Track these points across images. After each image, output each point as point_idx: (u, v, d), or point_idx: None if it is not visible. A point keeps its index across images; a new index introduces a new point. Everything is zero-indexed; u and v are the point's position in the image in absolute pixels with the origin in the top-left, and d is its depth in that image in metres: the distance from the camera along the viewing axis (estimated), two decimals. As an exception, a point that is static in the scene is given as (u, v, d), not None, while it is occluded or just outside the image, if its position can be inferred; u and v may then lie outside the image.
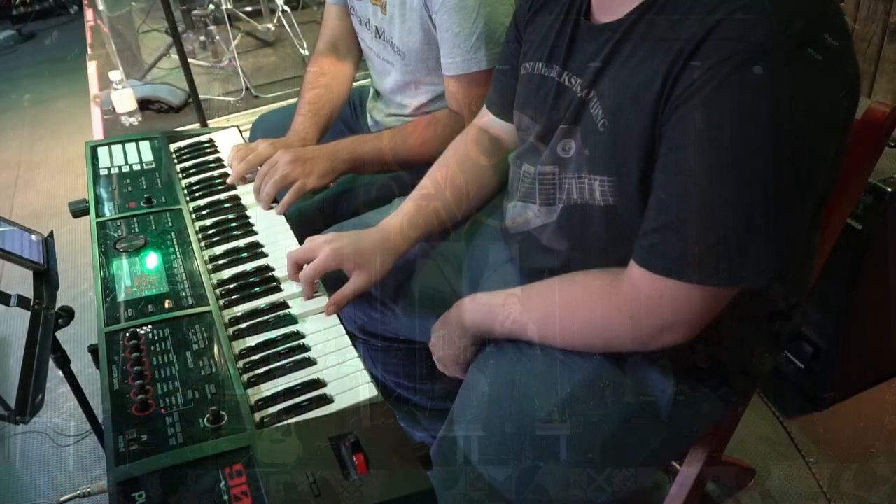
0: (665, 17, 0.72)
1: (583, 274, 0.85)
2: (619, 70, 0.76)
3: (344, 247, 0.98)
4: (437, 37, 1.25)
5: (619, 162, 0.77)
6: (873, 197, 1.31)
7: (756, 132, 0.65)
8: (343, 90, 1.51)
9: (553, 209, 0.89)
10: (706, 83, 0.65)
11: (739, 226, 0.68)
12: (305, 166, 1.21)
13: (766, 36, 0.63)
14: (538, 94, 0.91)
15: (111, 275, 1.02)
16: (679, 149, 0.69)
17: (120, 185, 1.25)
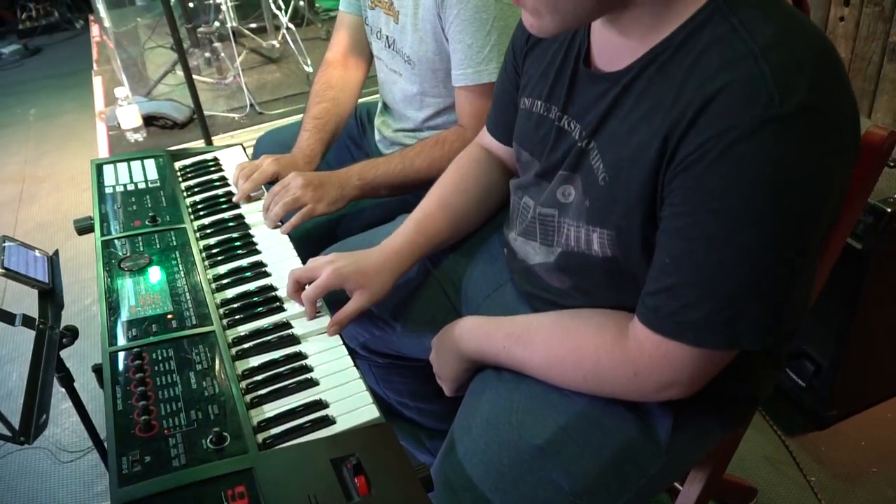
0: (665, 76, 0.72)
1: (586, 319, 0.85)
2: (619, 124, 0.76)
3: (345, 266, 0.99)
4: (449, 48, 1.26)
5: (619, 217, 0.77)
6: (873, 217, 1.31)
7: (757, 202, 0.65)
8: (349, 104, 1.51)
9: (552, 250, 0.89)
10: (707, 152, 0.66)
11: (742, 293, 0.69)
12: (317, 192, 1.22)
13: (767, 107, 0.63)
14: (537, 133, 0.92)
15: (115, 294, 1.03)
16: (681, 215, 0.70)
17: (125, 204, 1.26)
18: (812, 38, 0.69)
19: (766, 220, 0.66)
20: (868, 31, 2.09)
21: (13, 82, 4.53)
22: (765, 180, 0.65)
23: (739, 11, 0.69)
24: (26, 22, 5.28)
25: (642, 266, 0.78)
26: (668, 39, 0.72)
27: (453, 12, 1.20)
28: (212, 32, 2.55)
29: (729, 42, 0.67)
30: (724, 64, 0.67)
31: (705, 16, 0.70)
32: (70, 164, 3.36)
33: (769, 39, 0.66)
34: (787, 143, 0.64)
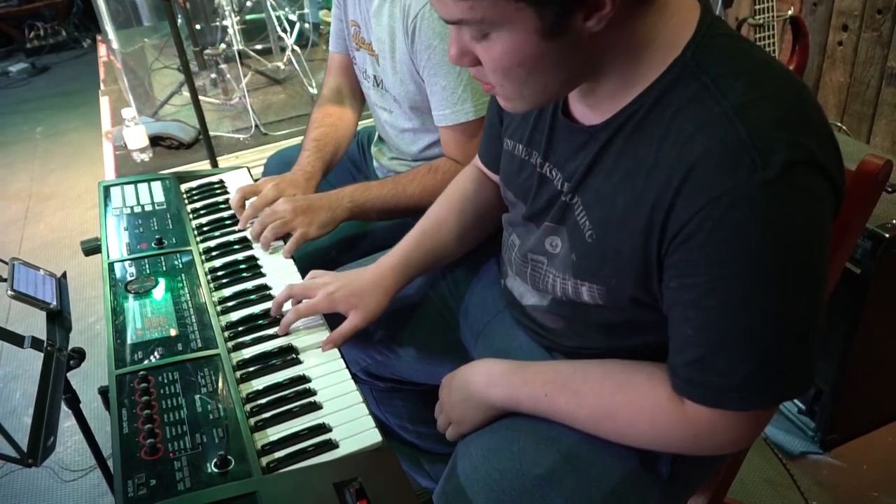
0: (642, 136, 0.73)
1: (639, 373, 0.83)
2: (602, 183, 0.77)
3: (336, 291, 1.02)
4: (427, 90, 1.29)
5: (609, 276, 0.78)
6: (871, 242, 1.33)
7: (763, 262, 0.67)
8: (348, 132, 1.54)
9: (544, 296, 0.90)
10: (704, 222, 0.66)
11: (771, 352, 0.70)
12: (306, 216, 1.24)
13: (751, 172, 0.64)
14: (520, 176, 0.92)
15: (122, 317, 1.04)
16: (693, 287, 0.70)
17: (131, 226, 1.28)
18: (784, 87, 0.69)
19: (776, 277, 0.67)
20: (866, 56, 2.12)
21: (21, 100, 4.57)
22: (766, 241, 0.66)
23: (709, 69, 0.69)
24: (34, 41, 5.33)
25: (633, 314, 0.80)
26: (641, 97, 0.73)
27: (424, 56, 1.23)
28: (218, 54, 2.58)
29: (702, 102, 0.68)
30: (700, 126, 0.67)
31: (675, 74, 0.71)
32: (76, 182, 3.39)
33: (741, 98, 0.66)
34: (780, 203, 0.65)
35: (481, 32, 0.69)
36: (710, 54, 0.70)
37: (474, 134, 1.26)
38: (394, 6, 1.26)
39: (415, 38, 1.22)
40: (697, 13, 0.72)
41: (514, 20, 0.65)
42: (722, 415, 0.74)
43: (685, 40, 0.71)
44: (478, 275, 1.16)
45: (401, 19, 1.24)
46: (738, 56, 0.71)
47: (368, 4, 1.33)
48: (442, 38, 1.20)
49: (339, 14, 1.50)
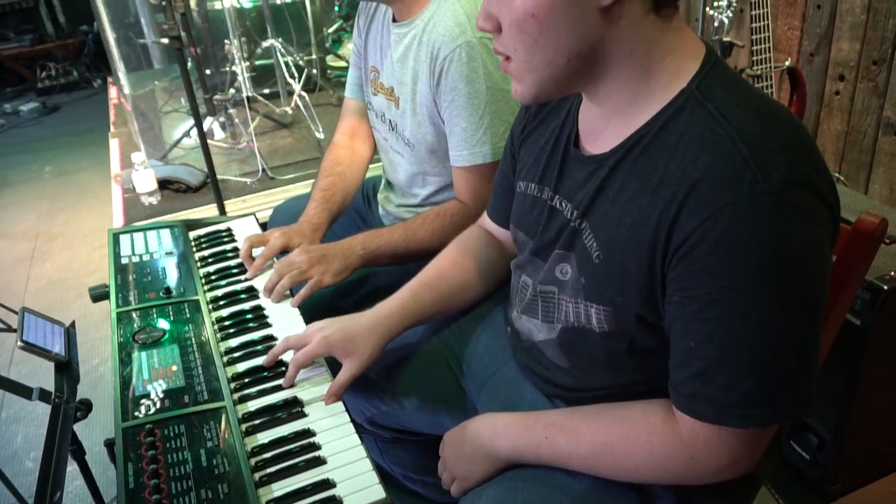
0: (648, 159, 0.77)
1: (632, 406, 0.85)
2: (610, 205, 0.81)
3: (332, 334, 1.03)
4: (446, 130, 1.32)
5: (615, 294, 0.81)
6: (870, 294, 1.34)
7: (764, 277, 0.69)
8: (356, 179, 1.58)
9: (553, 327, 0.92)
10: (707, 234, 0.69)
11: (771, 368, 0.72)
12: (321, 265, 1.27)
13: (753, 185, 0.68)
14: (531, 214, 0.96)
15: (129, 367, 1.06)
16: (695, 299, 0.72)
17: (140, 275, 1.30)
18: (782, 120, 0.74)
19: (776, 293, 0.69)
20: (863, 106, 2.15)
21: (30, 139, 4.65)
22: (767, 255, 0.68)
23: (713, 98, 0.74)
24: (45, 80, 5.43)
25: (638, 338, 0.81)
26: (649, 124, 0.77)
27: (448, 98, 1.27)
28: (227, 99, 2.63)
29: (707, 125, 0.73)
30: (704, 146, 0.72)
31: (681, 103, 0.75)
32: (83, 222, 3.43)
33: (744, 123, 0.71)
34: (780, 218, 0.68)
35: None
36: (715, 87, 0.75)
37: (489, 177, 1.28)
38: (420, 50, 1.30)
39: (441, 79, 1.27)
40: (703, 51, 0.78)
41: None
42: (720, 433, 0.75)
43: (691, 73, 0.76)
44: (482, 323, 1.17)
45: (427, 62, 1.29)
46: (740, 91, 0.76)
47: (391, 50, 1.39)
48: (468, 82, 1.24)
49: (357, 62, 1.56)
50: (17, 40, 5.55)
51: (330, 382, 1.02)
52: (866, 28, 2.08)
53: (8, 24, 5.59)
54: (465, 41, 1.22)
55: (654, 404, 0.83)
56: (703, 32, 2.23)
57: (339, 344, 1.03)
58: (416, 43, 1.31)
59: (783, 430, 0.96)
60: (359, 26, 1.53)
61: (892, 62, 2.02)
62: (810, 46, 2.29)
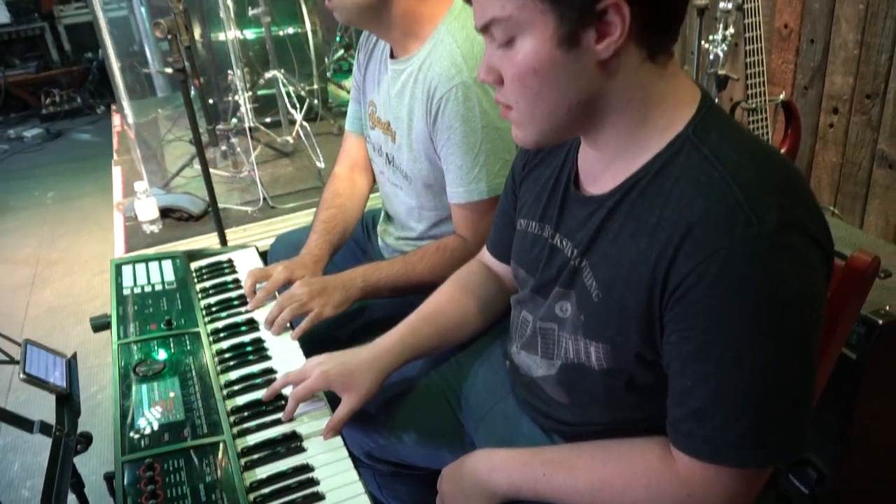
0: (646, 201, 0.79)
1: (629, 443, 0.87)
2: (609, 245, 0.83)
3: (331, 369, 1.04)
4: (442, 167, 1.35)
5: (614, 332, 0.82)
6: (865, 328, 1.35)
7: (758, 318, 0.71)
8: (356, 211, 1.60)
9: (552, 363, 0.93)
10: (702, 276, 0.71)
11: (766, 408, 0.73)
12: (322, 297, 1.29)
13: (746, 228, 0.70)
14: (532, 252, 0.98)
15: (129, 400, 1.06)
16: (691, 339, 0.74)
17: (141, 306, 1.31)
18: (774, 162, 0.76)
19: (771, 335, 0.71)
20: (857, 139, 2.18)
21: (34, 165, 4.68)
22: (761, 297, 0.70)
23: (708, 143, 0.76)
24: (50, 107, 5.49)
25: (636, 375, 0.83)
26: (646, 167, 0.80)
27: (444, 137, 1.29)
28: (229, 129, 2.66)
29: (702, 169, 0.75)
30: (700, 190, 0.74)
31: (677, 147, 0.78)
32: (84, 248, 3.44)
33: (738, 167, 0.74)
34: (774, 261, 0.70)
35: (508, 35, 0.76)
36: (710, 132, 0.77)
37: (486, 213, 1.31)
38: (416, 87, 1.33)
39: (437, 118, 1.29)
40: (699, 96, 0.81)
41: (536, 23, 0.74)
42: (716, 472, 0.76)
43: (687, 117, 0.79)
44: (481, 358, 1.18)
45: (423, 100, 1.31)
46: (734, 135, 0.78)
47: (388, 86, 1.41)
48: (463, 121, 1.27)
49: (357, 96, 1.58)
50: (23, 67, 5.62)
51: (329, 417, 1.03)
52: (859, 63, 2.11)
53: (14, 51, 5.66)
54: (462, 81, 1.25)
55: (651, 441, 0.84)
56: (699, 65, 2.26)
57: (339, 379, 1.04)
58: (412, 80, 1.34)
59: (781, 465, 0.97)
60: (359, 61, 1.56)
61: (885, 96, 2.05)
62: (804, 80, 2.32)
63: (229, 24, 2.64)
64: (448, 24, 1.31)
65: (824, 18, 2.19)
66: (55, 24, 5.74)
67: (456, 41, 1.28)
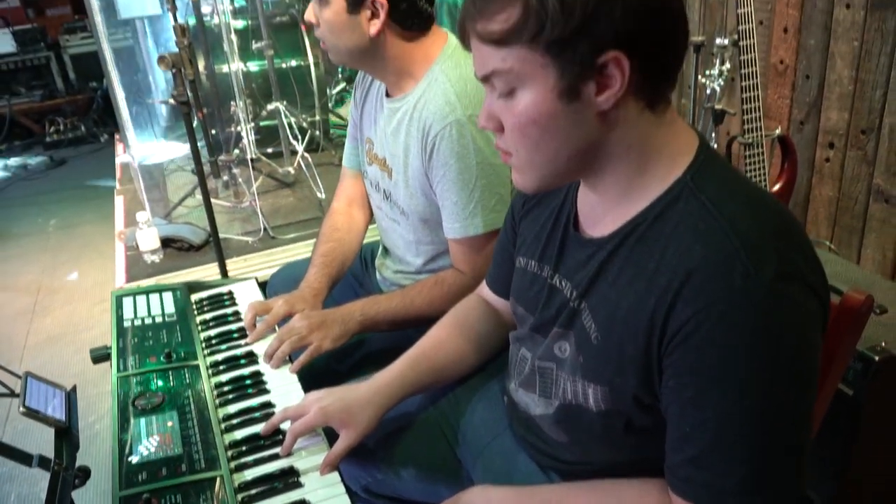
0: (645, 245, 0.80)
1: (627, 486, 0.87)
2: (608, 288, 0.84)
3: (330, 405, 1.05)
4: (438, 203, 1.36)
5: (612, 375, 0.83)
6: (862, 364, 1.36)
7: (756, 367, 0.72)
8: (354, 245, 1.62)
9: (550, 402, 0.94)
10: (700, 324, 0.72)
11: (764, 455, 0.74)
12: (321, 330, 1.30)
13: (744, 278, 0.71)
14: (531, 290, 0.99)
15: (128, 434, 1.07)
16: (689, 386, 0.75)
17: (141, 338, 1.32)
18: (771, 209, 0.78)
19: (768, 382, 0.72)
20: (853, 173, 2.20)
21: (37, 192, 4.71)
22: (758, 346, 0.71)
23: (706, 190, 0.78)
24: (54, 135, 5.53)
25: (634, 418, 0.83)
26: (645, 212, 0.81)
27: (440, 173, 1.32)
28: (231, 160, 2.69)
29: (700, 216, 0.76)
30: (698, 237, 0.75)
31: (676, 193, 0.79)
32: (85, 275, 3.45)
33: (735, 215, 0.75)
34: (771, 311, 0.71)
35: (509, 87, 0.78)
36: (707, 179, 0.79)
37: (482, 248, 1.33)
38: (411, 125, 1.35)
39: (433, 155, 1.31)
40: (696, 142, 0.82)
41: (537, 76, 0.75)
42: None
43: (685, 164, 0.80)
44: (478, 394, 1.19)
45: (419, 138, 1.33)
46: (732, 182, 0.80)
47: (384, 123, 1.44)
48: (458, 158, 1.29)
49: (354, 133, 1.61)
50: (28, 95, 5.68)
51: (326, 451, 1.03)
52: (854, 98, 2.14)
53: (20, 79, 5.72)
54: (455, 119, 1.28)
55: (649, 484, 0.84)
56: (696, 100, 2.30)
57: (337, 415, 1.04)
58: (407, 118, 1.36)
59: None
60: (355, 98, 1.59)
61: (879, 131, 2.08)
62: (800, 115, 2.35)
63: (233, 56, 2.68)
64: (442, 63, 1.34)
65: (819, 55, 2.23)
66: (61, 53, 5.81)
67: (450, 80, 1.31)
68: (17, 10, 6.13)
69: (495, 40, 0.76)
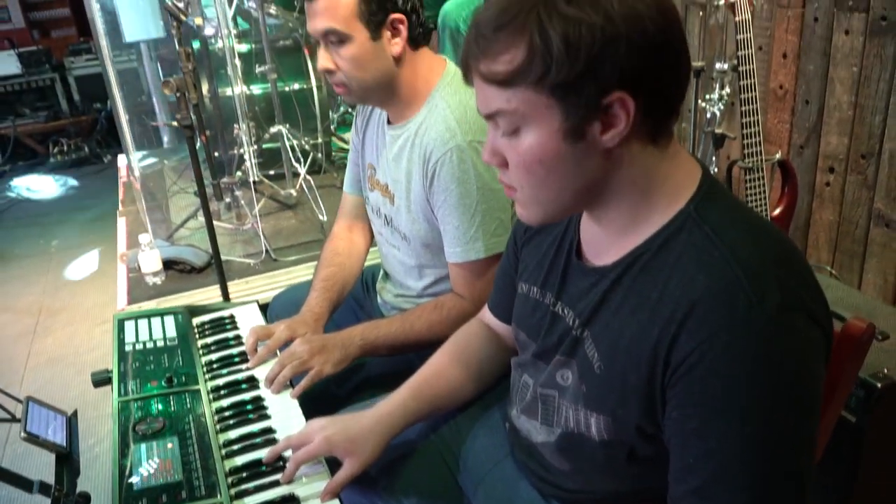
0: (648, 275, 0.81)
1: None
2: (611, 317, 0.84)
3: (334, 434, 1.05)
4: (440, 228, 1.37)
5: (614, 404, 0.83)
6: (864, 391, 1.36)
7: (759, 397, 0.72)
8: (355, 269, 1.63)
9: (552, 430, 0.94)
10: (705, 355, 0.73)
11: (768, 482, 0.73)
12: (322, 355, 1.30)
13: (748, 309, 0.71)
14: (533, 317, 0.99)
15: (128, 459, 1.06)
16: (693, 417, 0.75)
17: (143, 363, 1.32)
18: (772, 238, 0.79)
19: (771, 413, 0.72)
20: (853, 197, 2.21)
21: (39, 213, 4.73)
22: (762, 377, 0.71)
23: (709, 220, 0.79)
24: (57, 156, 5.56)
25: (637, 448, 0.83)
26: (649, 242, 0.81)
27: (441, 198, 1.33)
28: (234, 182, 2.71)
29: (704, 247, 0.77)
30: (701, 267, 0.76)
31: (679, 223, 0.80)
32: (86, 297, 3.46)
33: (737, 242, 0.76)
34: (775, 341, 0.71)
35: (513, 126, 0.78)
36: (710, 209, 0.80)
37: (483, 272, 1.34)
38: (413, 151, 1.37)
39: (434, 180, 1.33)
40: (699, 173, 0.83)
41: (542, 117, 0.75)
42: None
43: (688, 194, 0.81)
44: (480, 420, 1.18)
45: (420, 164, 1.35)
46: (734, 212, 0.81)
47: (386, 150, 1.45)
48: (459, 183, 1.30)
49: (355, 159, 1.62)
50: (33, 116, 5.71)
51: (327, 479, 1.03)
52: (853, 123, 2.16)
53: (25, 101, 5.76)
54: (456, 144, 1.29)
55: None
56: (696, 124, 2.31)
57: (341, 444, 1.04)
58: (409, 145, 1.38)
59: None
60: (356, 125, 1.60)
61: (879, 156, 2.09)
62: (800, 139, 2.36)
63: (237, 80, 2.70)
64: (441, 90, 1.36)
65: (819, 80, 2.24)
66: (65, 75, 5.85)
67: (449, 106, 1.33)
68: (22, 31, 6.19)
69: (499, 81, 0.76)
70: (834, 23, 2.15)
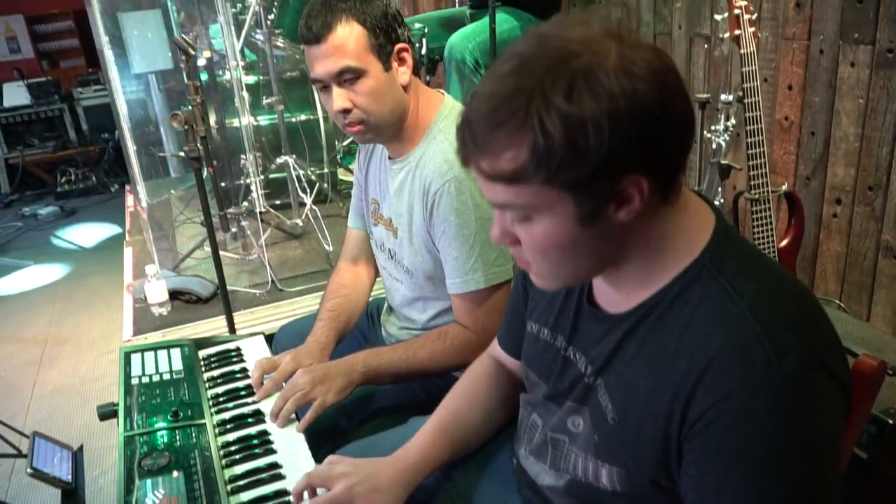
0: (664, 326, 0.79)
1: None
2: (625, 367, 0.83)
3: (356, 485, 1.01)
4: (441, 259, 1.38)
5: (628, 457, 0.82)
6: (876, 427, 1.34)
7: (778, 455, 0.71)
8: (360, 301, 1.63)
9: (561, 475, 0.92)
10: (723, 413, 0.72)
11: None
12: (324, 384, 1.29)
13: (767, 367, 0.71)
14: (544, 358, 0.98)
15: (133, 496, 1.05)
16: (711, 473, 0.74)
17: (149, 396, 1.31)
18: (791, 291, 0.78)
19: (789, 471, 0.71)
20: (861, 229, 2.20)
21: (47, 242, 4.75)
22: (781, 435, 0.70)
23: (724, 271, 0.77)
24: (65, 185, 5.61)
25: (649, 501, 0.81)
26: (663, 291, 0.80)
27: (440, 230, 1.34)
28: (240, 213, 2.72)
29: (720, 301, 0.76)
30: (718, 322, 0.75)
31: (694, 274, 0.79)
32: (92, 326, 3.46)
33: (755, 298, 0.74)
34: (794, 399, 0.70)
35: (524, 215, 0.76)
36: (725, 259, 0.79)
37: (483, 302, 1.34)
38: (413, 184, 1.38)
39: (433, 212, 1.34)
40: (713, 220, 0.82)
41: (554, 207, 0.74)
42: None
43: (703, 243, 0.80)
44: (489, 458, 1.16)
45: (420, 195, 1.36)
46: (749, 262, 0.80)
47: (388, 184, 1.47)
48: (457, 214, 1.31)
49: (359, 194, 1.63)
50: (41, 146, 5.77)
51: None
52: (860, 155, 2.16)
53: (33, 131, 5.83)
54: (454, 176, 1.30)
55: None
56: (702, 155, 2.32)
57: (364, 496, 1.00)
58: (409, 178, 1.39)
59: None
60: (359, 161, 1.62)
61: (887, 188, 2.09)
62: (806, 170, 2.37)
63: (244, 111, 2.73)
64: (439, 122, 1.38)
65: (824, 112, 2.25)
66: (74, 105, 5.93)
67: (447, 138, 1.35)
68: (31, 62, 6.29)
69: (505, 179, 0.73)
70: (840, 55, 2.16)
